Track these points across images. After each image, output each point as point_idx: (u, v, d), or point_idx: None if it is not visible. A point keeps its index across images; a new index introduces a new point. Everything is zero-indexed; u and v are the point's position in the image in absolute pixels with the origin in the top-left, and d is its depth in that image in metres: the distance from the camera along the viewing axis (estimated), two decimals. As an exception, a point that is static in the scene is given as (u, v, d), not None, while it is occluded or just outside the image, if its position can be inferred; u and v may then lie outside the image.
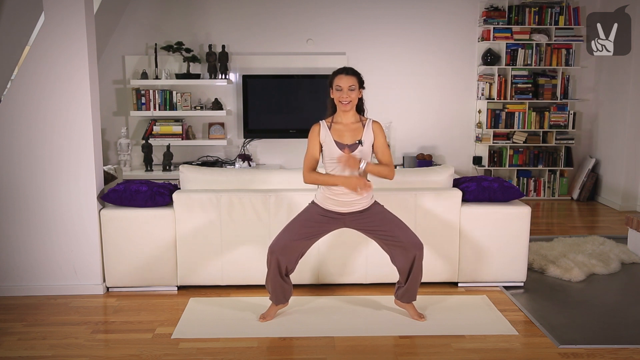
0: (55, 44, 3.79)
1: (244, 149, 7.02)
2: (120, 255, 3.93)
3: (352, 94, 3.30)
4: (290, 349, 3.24)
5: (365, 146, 3.32)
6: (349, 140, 3.32)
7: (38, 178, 3.90)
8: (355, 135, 3.34)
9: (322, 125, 3.37)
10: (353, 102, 3.32)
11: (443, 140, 7.21)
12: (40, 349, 3.23)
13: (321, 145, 3.36)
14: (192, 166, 4.14)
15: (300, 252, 3.44)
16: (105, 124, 6.82)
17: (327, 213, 3.39)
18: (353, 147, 3.31)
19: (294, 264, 3.45)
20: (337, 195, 3.33)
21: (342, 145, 3.31)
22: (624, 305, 3.88)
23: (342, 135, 3.34)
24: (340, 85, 3.31)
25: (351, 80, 3.31)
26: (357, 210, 3.38)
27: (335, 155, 3.30)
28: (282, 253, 3.36)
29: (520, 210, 4.01)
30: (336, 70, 3.38)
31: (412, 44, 7.05)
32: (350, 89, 3.29)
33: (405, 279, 3.46)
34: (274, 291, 3.49)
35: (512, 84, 6.92)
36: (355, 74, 3.36)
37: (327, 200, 3.37)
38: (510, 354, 3.17)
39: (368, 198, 3.40)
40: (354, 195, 3.32)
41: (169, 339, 3.33)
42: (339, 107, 3.34)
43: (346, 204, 3.35)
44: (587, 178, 7.01)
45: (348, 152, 3.26)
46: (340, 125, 3.36)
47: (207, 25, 6.88)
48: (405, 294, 3.52)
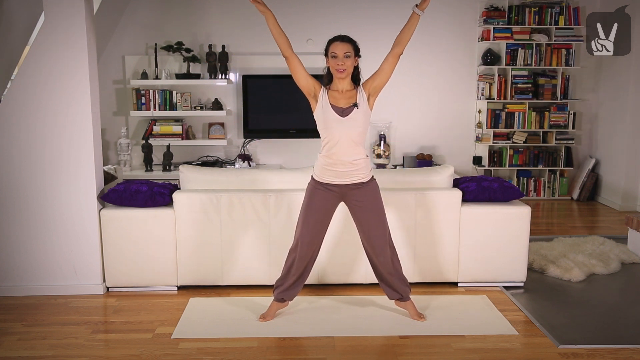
0: (55, 44, 3.79)
1: (244, 149, 7.02)
2: (120, 255, 3.93)
3: (348, 61, 3.28)
4: (290, 349, 3.24)
5: (361, 109, 3.31)
6: (345, 104, 3.32)
7: (38, 178, 3.90)
8: (351, 101, 3.33)
9: (322, 88, 3.37)
10: (348, 69, 3.30)
11: (443, 140, 7.21)
12: (40, 349, 3.23)
13: (315, 99, 3.35)
14: (192, 166, 4.14)
15: (322, 240, 3.47)
16: (105, 124, 6.82)
17: (327, 187, 3.36)
18: (348, 110, 3.29)
19: (315, 258, 3.50)
20: (334, 166, 3.30)
21: (337, 109, 3.29)
22: (624, 305, 3.88)
23: (338, 100, 3.33)
24: (335, 52, 3.29)
25: (346, 47, 3.29)
26: (354, 182, 3.35)
27: (331, 119, 3.28)
28: (310, 245, 3.40)
29: (520, 210, 4.01)
30: (332, 38, 3.36)
31: (412, 44, 6.98)
32: (345, 55, 3.28)
33: (378, 274, 3.50)
34: (288, 287, 3.49)
35: (512, 84, 6.92)
36: (351, 41, 3.34)
37: (325, 172, 3.35)
38: (510, 354, 3.17)
39: (366, 169, 3.38)
40: (351, 165, 3.30)
41: (169, 339, 3.33)
42: (334, 75, 3.32)
43: (343, 175, 3.32)
44: (587, 178, 7.01)
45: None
46: (336, 92, 3.36)
47: (207, 25, 6.88)
48: (390, 292, 3.54)
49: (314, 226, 3.39)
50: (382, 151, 6.88)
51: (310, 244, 3.41)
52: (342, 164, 3.30)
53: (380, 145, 6.91)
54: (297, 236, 3.42)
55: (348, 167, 3.31)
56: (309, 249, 3.42)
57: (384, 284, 3.56)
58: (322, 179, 3.37)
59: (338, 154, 3.29)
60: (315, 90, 3.36)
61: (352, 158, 3.30)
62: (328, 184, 3.36)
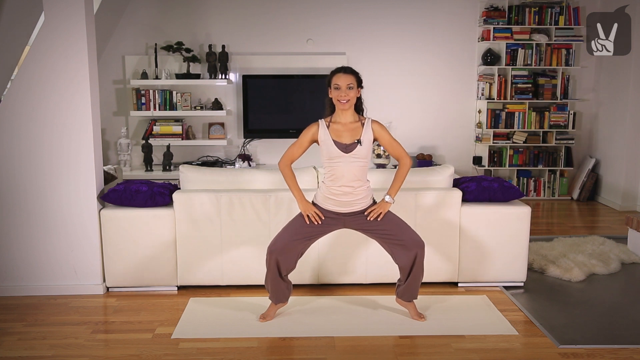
0: (55, 44, 3.79)
1: (244, 149, 7.02)
2: (120, 255, 3.93)
3: (351, 93, 3.30)
4: (290, 349, 3.24)
5: (364, 145, 3.32)
6: (348, 139, 3.32)
7: (38, 178, 3.90)
8: (354, 135, 3.34)
9: (320, 125, 3.37)
10: (351, 101, 3.32)
11: (443, 140, 7.21)
12: (40, 349, 3.23)
13: (317, 144, 3.38)
14: (192, 166, 4.14)
15: (299, 252, 3.44)
16: (105, 124, 6.82)
17: (327, 213, 3.39)
18: (351, 147, 3.30)
19: (293, 264, 3.45)
20: (337, 196, 3.34)
21: (341, 145, 3.31)
22: (624, 305, 3.88)
23: (341, 134, 3.34)
24: (338, 84, 3.30)
25: (349, 79, 3.30)
26: (356, 211, 3.39)
27: (334, 155, 3.30)
28: (281, 253, 3.36)
29: (520, 210, 4.01)
30: (334, 70, 3.38)
31: (412, 44, 7.05)
32: (348, 87, 3.29)
33: (406, 277, 3.46)
34: (273, 291, 3.49)
35: (512, 84, 6.92)
36: (354, 72, 3.36)
37: (327, 200, 3.38)
38: (510, 354, 3.17)
39: (368, 198, 3.40)
40: (353, 195, 3.33)
41: (169, 339, 3.33)
42: (337, 106, 3.33)
43: (346, 204, 3.36)
44: (587, 178, 7.01)
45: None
46: (338, 125, 3.36)
47: (207, 25, 6.88)
48: (405, 292, 3.52)
49: (294, 234, 3.38)
50: (382, 151, 6.88)
51: (282, 251, 3.37)
52: (345, 195, 3.33)
53: (380, 146, 6.91)
54: (275, 237, 3.43)
55: (350, 197, 3.34)
56: (281, 255, 3.37)
57: (402, 287, 3.54)
58: (324, 206, 3.40)
59: (342, 187, 3.32)
60: (314, 136, 3.38)
61: (355, 189, 3.33)
62: (329, 211, 3.39)
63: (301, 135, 3.41)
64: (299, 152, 3.43)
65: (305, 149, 3.44)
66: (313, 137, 3.38)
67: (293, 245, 3.38)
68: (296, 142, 3.42)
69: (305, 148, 3.43)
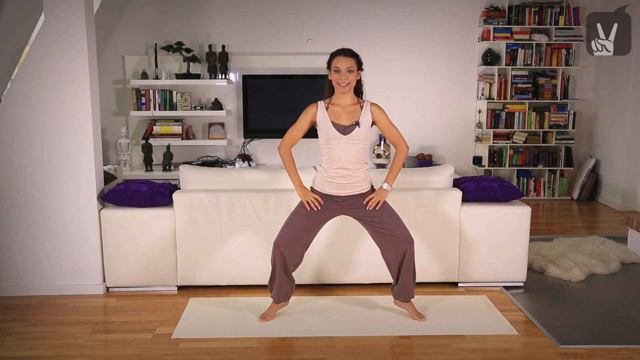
0: (55, 44, 3.79)
1: (244, 149, 7.02)
2: (120, 255, 3.93)
3: (351, 76, 3.29)
4: (290, 349, 3.24)
5: (362, 128, 3.31)
6: (346, 121, 3.31)
7: (38, 178, 3.90)
8: (352, 117, 3.33)
9: (319, 107, 3.36)
10: (351, 84, 3.31)
11: (443, 140, 7.21)
12: (40, 349, 3.23)
13: (315, 125, 3.37)
14: (192, 166, 4.14)
15: (304, 245, 3.44)
16: (105, 124, 6.82)
17: (326, 198, 3.38)
18: (350, 129, 3.29)
19: (299, 257, 3.46)
20: (335, 179, 3.33)
21: (339, 127, 3.30)
22: (624, 305, 3.88)
23: (339, 116, 3.33)
24: (338, 67, 3.29)
25: (349, 62, 3.29)
26: (355, 194, 3.37)
27: (332, 137, 3.29)
28: (287, 247, 3.36)
29: (520, 210, 4.01)
30: (334, 52, 3.37)
31: (412, 44, 7.05)
32: (348, 70, 3.28)
33: (397, 274, 3.46)
34: (278, 288, 3.49)
35: (512, 84, 6.92)
36: (354, 55, 3.35)
37: (325, 183, 3.37)
38: (510, 354, 3.17)
39: (366, 182, 3.40)
40: (351, 178, 3.32)
41: (169, 339, 3.33)
42: (336, 88, 3.32)
43: (344, 187, 3.35)
44: (587, 178, 7.01)
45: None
46: (337, 107, 3.35)
47: (207, 25, 6.88)
48: (400, 293, 3.52)
49: (298, 226, 3.38)
50: (382, 151, 6.88)
51: (288, 244, 3.37)
52: (343, 177, 3.33)
53: (380, 145, 6.91)
54: (279, 232, 3.43)
55: (348, 179, 3.33)
56: (287, 249, 3.37)
57: (395, 287, 3.54)
58: (322, 189, 3.40)
59: (339, 169, 3.32)
60: (313, 117, 3.37)
61: (353, 171, 3.33)
62: (327, 195, 3.38)
63: (300, 117, 3.39)
64: (299, 134, 3.41)
65: (305, 130, 3.42)
66: (312, 118, 3.37)
67: (298, 238, 3.38)
68: (295, 125, 3.41)
69: (305, 130, 3.41)
